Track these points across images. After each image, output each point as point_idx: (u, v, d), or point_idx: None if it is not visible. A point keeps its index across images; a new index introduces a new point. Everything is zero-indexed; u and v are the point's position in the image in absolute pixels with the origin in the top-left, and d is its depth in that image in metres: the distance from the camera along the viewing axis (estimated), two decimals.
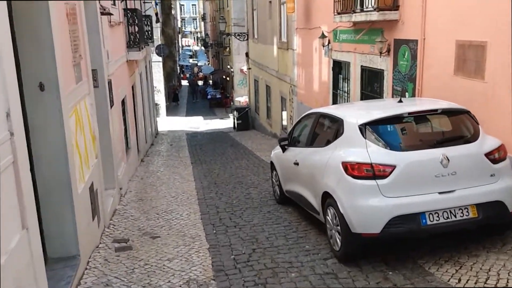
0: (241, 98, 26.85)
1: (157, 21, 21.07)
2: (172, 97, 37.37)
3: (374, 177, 4.50)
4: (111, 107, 7.57)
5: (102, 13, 7.44)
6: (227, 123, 25.76)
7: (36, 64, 4.12)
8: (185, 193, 8.75)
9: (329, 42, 10.64)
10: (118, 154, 8.22)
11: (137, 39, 11.70)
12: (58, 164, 4.33)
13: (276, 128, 16.93)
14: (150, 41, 16.45)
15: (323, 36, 10.66)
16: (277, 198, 7.58)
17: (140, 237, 6.15)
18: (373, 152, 4.62)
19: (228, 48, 30.39)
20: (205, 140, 18.53)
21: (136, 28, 12.07)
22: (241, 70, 27.35)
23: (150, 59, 21.01)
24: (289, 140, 6.82)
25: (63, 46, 4.60)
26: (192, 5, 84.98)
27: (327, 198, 5.06)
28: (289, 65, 14.08)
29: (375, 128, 4.82)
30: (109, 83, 7.66)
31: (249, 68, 21.78)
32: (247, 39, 21.76)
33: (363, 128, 4.81)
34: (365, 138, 4.75)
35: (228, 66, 32.24)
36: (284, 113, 15.48)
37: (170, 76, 35.30)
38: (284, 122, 15.64)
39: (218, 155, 13.91)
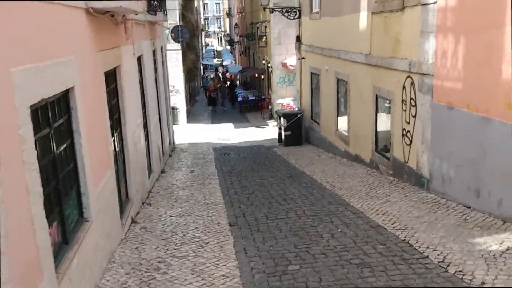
0: (283, 100, 20.69)
1: None
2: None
3: None
4: None
5: None
6: (266, 133, 19.36)
7: None
8: None
9: None
10: None
11: None
12: None
13: (360, 148, 10.40)
14: (158, 9, 10.22)
15: None
16: None
17: None
18: None
19: (264, 37, 24.03)
20: (243, 163, 12.19)
21: None
22: (284, 64, 20.96)
23: (165, 45, 14.87)
24: None
25: None
26: (216, 3, 79.27)
27: None
28: (410, 38, 7.62)
29: None
30: None
31: (302, 58, 15.34)
32: (299, 17, 15.39)
33: None
34: None
35: (264, 62, 25.86)
36: (385, 124, 8.99)
37: (192, 73, 29.00)
38: (382, 140, 9.14)
39: (277, 204, 7.62)
